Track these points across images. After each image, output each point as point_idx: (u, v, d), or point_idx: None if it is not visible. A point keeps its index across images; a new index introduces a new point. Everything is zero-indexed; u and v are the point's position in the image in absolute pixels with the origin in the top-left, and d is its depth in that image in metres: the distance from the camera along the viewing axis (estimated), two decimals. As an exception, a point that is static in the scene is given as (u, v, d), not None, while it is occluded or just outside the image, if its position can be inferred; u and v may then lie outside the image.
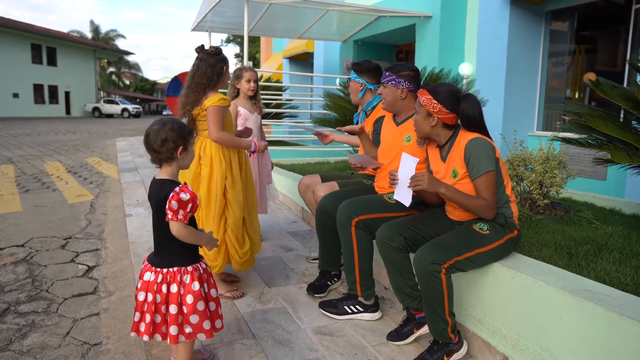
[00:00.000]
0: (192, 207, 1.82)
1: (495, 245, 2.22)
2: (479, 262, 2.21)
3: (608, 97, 2.49)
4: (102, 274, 3.29)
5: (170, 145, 1.85)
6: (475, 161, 2.17)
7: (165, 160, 1.89)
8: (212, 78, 2.67)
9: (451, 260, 2.11)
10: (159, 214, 1.87)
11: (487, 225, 2.24)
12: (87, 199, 5.64)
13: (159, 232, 1.91)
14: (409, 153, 2.67)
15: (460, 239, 2.19)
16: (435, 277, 2.09)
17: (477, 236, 2.20)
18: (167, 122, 1.88)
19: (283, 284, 3.11)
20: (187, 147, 1.91)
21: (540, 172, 3.45)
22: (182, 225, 1.82)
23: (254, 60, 27.91)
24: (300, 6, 8.14)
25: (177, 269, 1.88)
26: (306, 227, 4.44)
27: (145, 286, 1.87)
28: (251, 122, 3.74)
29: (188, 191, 1.80)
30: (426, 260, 2.09)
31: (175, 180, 1.91)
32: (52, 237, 4.07)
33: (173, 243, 1.87)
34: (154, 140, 1.86)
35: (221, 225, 2.74)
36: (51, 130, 18.46)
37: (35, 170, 7.90)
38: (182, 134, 1.88)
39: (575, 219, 3.50)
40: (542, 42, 6.84)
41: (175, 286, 1.86)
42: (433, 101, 2.24)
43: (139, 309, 1.88)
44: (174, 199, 1.77)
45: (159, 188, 1.87)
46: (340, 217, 2.58)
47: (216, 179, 2.69)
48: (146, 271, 1.90)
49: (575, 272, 2.29)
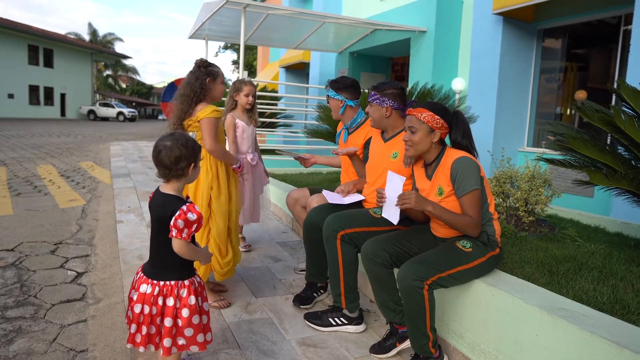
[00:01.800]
0: (197, 226, 1.82)
1: (477, 263, 2.27)
2: (461, 278, 2.27)
3: (590, 120, 2.56)
4: (91, 280, 3.32)
5: (184, 163, 1.84)
6: (462, 180, 2.22)
7: (176, 177, 1.87)
8: (196, 90, 2.72)
9: (434, 277, 2.16)
10: (160, 228, 1.85)
11: (470, 242, 2.30)
12: (78, 204, 5.66)
13: (158, 246, 1.90)
14: (395, 170, 2.73)
15: (443, 256, 2.24)
16: (418, 293, 2.14)
17: (460, 253, 2.25)
18: (179, 138, 1.84)
19: (270, 294, 3.15)
20: (197, 163, 1.91)
21: (526, 190, 3.52)
22: (185, 243, 1.83)
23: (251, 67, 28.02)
24: (297, 17, 8.23)
25: (174, 282, 1.88)
26: (296, 238, 4.48)
27: (141, 298, 1.86)
28: (247, 134, 3.78)
29: (195, 211, 1.80)
30: (409, 277, 2.14)
31: (181, 196, 1.91)
32: (42, 242, 4.08)
33: (172, 257, 1.87)
34: (167, 157, 1.82)
35: (204, 236, 2.78)
36: (45, 132, 18.43)
37: (28, 173, 7.90)
38: (194, 150, 1.87)
39: (560, 236, 3.57)
40: (533, 59, 6.96)
41: (172, 300, 1.86)
42: (436, 117, 2.30)
43: (135, 320, 1.86)
44: (181, 218, 1.76)
45: (165, 203, 1.84)
46: (326, 230, 2.63)
47: (202, 189, 2.74)
48: (142, 283, 1.89)
49: (554, 290, 2.35)
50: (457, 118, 2.36)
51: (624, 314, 2.04)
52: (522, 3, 5.97)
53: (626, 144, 2.54)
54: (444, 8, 7.66)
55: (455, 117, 2.36)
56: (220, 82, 2.84)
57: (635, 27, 4.91)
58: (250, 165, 3.81)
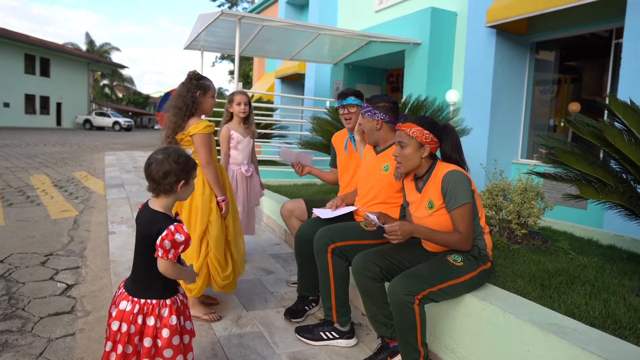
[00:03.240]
0: (184, 247, 1.77)
1: (468, 277, 2.26)
2: (451, 293, 2.25)
3: (580, 133, 2.57)
4: (81, 292, 3.28)
5: (172, 179, 1.78)
6: (453, 193, 2.22)
7: (164, 192, 1.81)
8: (187, 104, 2.72)
9: (424, 292, 2.14)
10: (145, 246, 1.79)
11: (461, 257, 2.29)
12: (71, 214, 5.62)
13: (142, 263, 1.84)
14: (386, 183, 2.73)
15: (433, 270, 2.23)
16: (409, 308, 2.12)
17: (451, 268, 2.24)
18: (172, 153, 1.78)
19: (261, 307, 3.12)
20: (189, 181, 1.84)
21: (519, 203, 3.52)
22: (171, 264, 1.77)
23: (247, 78, 28.12)
24: (292, 29, 8.27)
25: (155, 301, 1.80)
26: (289, 250, 4.46)
27: (120, 315, 1.78)
28: (243, 145, 3.77)
29: (183, 232, 1.74)
30: (400, 291, 2.13)
31: (169, 214, 1.84)
32: (33, 254, 4.05)
33: (156, 276, 1.81)
34: (156, 170, 1.77)
35: (203, 248, 2.76)
36: (40, 141, 18.37)
37: (21, 183, 7.85)
38: (186, 167, 1.80)
39: (552, 249, 3.56)
40: (527, 72, 7.01)
41: (152, 319, 1.79)
42: (425, 132, 2.29)
43: (111, 338, 1.78)
44: (168, 239, 1.70)
45: (151, 221, 1.78)
46: (317, 243, 2.62)
47: (197, 202, 2.72)
48: (122, 299, 1.81)
49: (546, 305, 2.34)
50: (446, 131, 2.36)
51: (615, 329, 2.03)
52: (515, 16, 6.03)
53: (616, 157, 2.55)
54: (438, 21, 7.71)
55: (444, 131, 2.36)
56: (210, 96, 2.82)
57: (626, 41, 4.96)
58: (244, 177, 3.80)
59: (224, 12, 6.84)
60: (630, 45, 4.90)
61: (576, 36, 6.47)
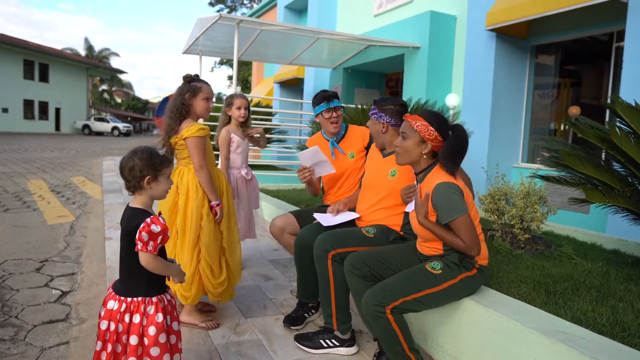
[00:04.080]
0: (163, 238, 1.80)
1: (446, 285, 2.16)
2: (430, 303, 2.18)
3: (585, 136, 2.52)
4: (76, 299, 3.22)
5: (137, 174, 1.84)
6: (445, 208, 2.11)
7: (134, 188, 1.88)
8: (178, 106, 2.66)
9: (397, 302, 2.08)
10: (127, 242, 1.85)
11: (441, 264, 2.20)
12: (67, 220, 5.56)
13: (125, 260, 1.89)
14: (392, 188, 2.67)
15: (408, 279, 2.16)
16: (381, 318, 2.07)
17: (427, 275, 2.16)
18: (138, 151, 1.87)
19: (260, 314, 3.06)
20: (158, 177, 1.88)
21: (521, 207, 3.46)
22: (152, 256, 1.80)
23: (246, 83, 28.11)
24: (291, 33, 8.24)
25: (141, 299, 1.84)
26: (288, 256, 4.39)
27: (108, 315, 1.83)
28: (242, 148, 3.73)
29: (159, 223, 1.79)
30: (369, 303, 2.09)
31: (148, 210, 1.89)
32: (28, 260, 3.98)
33: (139, 272, 1.84)
34: (123, 167, 1.86)
35: (194, 256, 2.70)
36: (38, 146, 18.31)
37: (18, 188, 7.79)
38: (151, 163, 1.85)
39: (556, 254, 3.51)
40: (527, 75, 6.98)
41: (138, 316, 1.82)
42: (430, 128, 2.19)
43: (101, 337, 1.84)
44: (145, 230, 1.75)
45: (130, 217, 1.85)
46: (317, 249, 2.56)
47: (191, 208, 2.65)
48: (110, 299, 1.86)
49: (552, 311, 2.28)
50: (454, 133, 2.21)
51: (624, 337, 1.98)
52: (516, 19, 5.99)
53: (622, 160, 2.50)
54: (437, 24, 7.68)
55: (453, 132, 2.21)
56: (202, 99, 2.73)
57: (627, 44, 4.92)
58: (244, 180, 3.75)
59: (222, 16, 6.81)
60: (632, 48, 4.86)
61: (576, 39, 6.44)
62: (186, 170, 2.70)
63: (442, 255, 2.25)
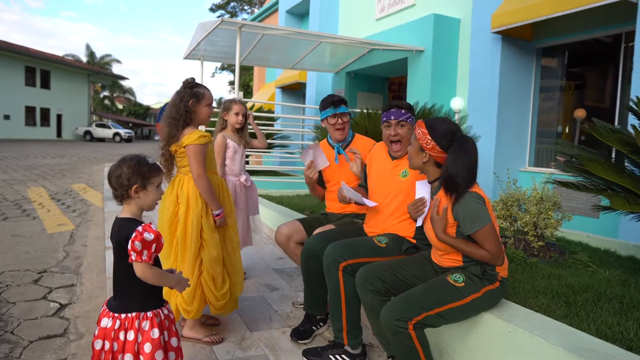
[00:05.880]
0: (157, 247, 1.71)
1: (469, 299, 2.05)
2: (451, 317, 2.06)
3: (605, 140, 2.41)
4: (75, 313, 3.10)
5: (124, 183, 1.77)
6: (468, 219, 2.01)
7: (121, 197, 1.80)
8: (181, 113, 2.55)
9: (419, 316, 1.96)
10: (119, 254, 1.75)
11: (463, 276, 2.09)
12: (67, 228, 5.45)
13: (118, 274, 1.79)
14: (405, 190, 2.56)
15: (431, 292, 2.04)
16: (403, 334, 1.95)
17: (450, 289, 2.05)
18: (127, 159, 1.80)
19: (266, 327, 2.94)
20: (146, 186, 1.80)
21: (535, 213, 3.35)
22: (147, 266, 1.71)
23: (248, 88, 28.08)
24: (293, 37, 8.16)
25: (135, 314, 1.74)
26: (293, 264, 4.27)
27: (102, 333, 1.73)
28: (239, 154, 3.64)
29: (152, 230, 1.70)
30: (391, 317, 1.96)
31: (138, 219, 1.80)
32: (26, 271, 3.87)
33: (133, 286, 1.75)
34: (110, 175, 1.80)
35: (196, 267, 2.58)
36: (40, 153, 18.25)
37: (18, 196, 7.69)
38: (139, 172, 1.78)
39: (571, 261, 3.39)
40: (533, 78, 6.87)
41: (133, 333, 1.72)
42: (427, 137, 2.12)
43: (95, 358, 1.74)
44: (137, 239, 1.66)
45: (120, 227, 1.76)
46: (327, 260, 2.44)
47: (192, 218, 2.54)
48: (104, 317, 1.77)
49: (574, 325, 2.17)
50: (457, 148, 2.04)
51: (656, 354, 1.86)
52: (522, 21, 5.89)
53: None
54: (441, 27, 7.59)
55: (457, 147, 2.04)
56: (205, 105, 2.63)
57: (637, 45, 4.82)
58: (243, 187, 3.65)
59: (224, 21, 6.72)
60: (642, 49, 4.76)
61: (583, 41, 6.34)
62: (186, 179, 2.59)
63: (462, 267, 2.14)
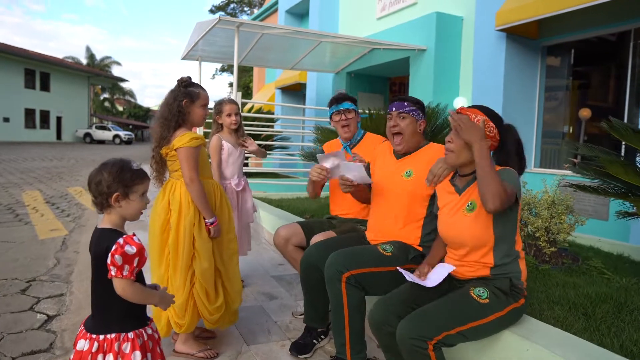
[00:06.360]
0: (140, 261, 1.55)
1: (493, 318, 1.89)
2: (472, 336, 1.89)
3: (626, 140, 2.24)
4: (62, 325, 2.94)
5: (103, 190, 1.61)
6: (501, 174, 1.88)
7: (101, 206, 1.63)
8: (174, 113, 2.39)
9: (440, 336, 1.78)
10: (97, 268, 1.59)
11: (487, 291, 1.91)
12: (60, 234, 5.29)
13: (96, 290, 1.63)
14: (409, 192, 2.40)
15: (452, 309, 1.86)
16: (421, 354, 1.76)
17: (474, 306, 1.87)
18: (107, 164, 1.64)
19: (264, 340, 2.77)
20: (129, 194, 1.63)
21: (547, 218, 3.19)
22: (129, 283, 1.54)
23: (247, 89, 27.93)
24: (293, 37, 8.01)
25: (115, 335, 1.58)
26: (293, 271, 4.11)
27: (78, 357, 1.57)
28: (234, 157, 3.49)
29: (134, 243, 1.54)
30: (410, 335, 1.77)
31: (119, 230, 1.64)
32: (14, 280, 3.71)
33: (112, 303, 1.58)
34: (90, 181, 1.64)
35: (188, 279, 2.41)
36: (38, 156, 18.10)
37: (12, 200, 7.53)
38: (120, 178, 1.61)
39: (584, 268, 3.23)
40: (539, 76, 6.71)
41: (112, 357, 1.55)
42: (490, 124, 1.96)
43: None
44: (118, 253, 1.50)
45: (99, 239, 1.59)
46: (328, 270, 2.27)
47: (184, 225, 2.37)
48: (80, 338, 1.60)
49: (595, 340, 2.01)
50: (510, 133, 2.04)
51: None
52: (527, 18, 5.73)
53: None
54: (443, 26, 7.44)
55: (508, 132, 2.03)
56: (200, 106, 2.47)
57: (648, 42, 4.66)
58: (234, 192, 3.49)
59: (221, 20, 6.57)
60: (654, 45, 4.60)
61: (590, 38, 6.17)
62: (179, 184, 2.42)
63: (487, 280, 1.97)
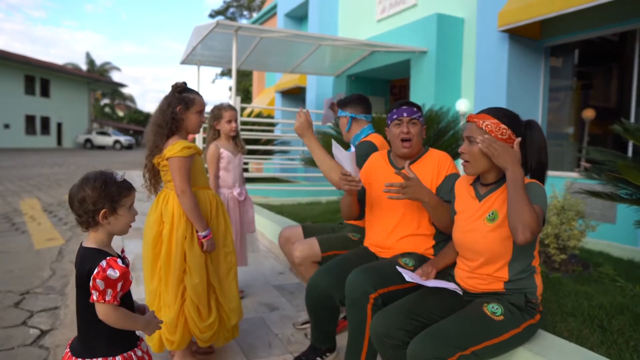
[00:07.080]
0: (124, 284, 1.46)
1: (509, 336, 1.78)
2: (486, 355, 1.77)
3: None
4: (56, 340, 2.84)
5: (89, 208, 1.48)
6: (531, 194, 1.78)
7: (87, 225, 1.51)
8: (167, 120, 2.29)
9: (453, 357, 1.67)
10: (81, 290, 1.49)
11: (501, 307, 1.81)
12: (56, 243, 5.19)
13: (81, 312, 1.52)
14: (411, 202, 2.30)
15: (466, 327, 1.75)
16: None
17: (488, 323, 1.77)
18: (90, 178, 1.50)
19: (265, 355, 2.67)
20: (117, 209, 1.52)
21: (556, 224, 3.08)
22: (111, 308, 1.44)
23: (247, 93, 27.88)
24: (292, 40, 7.92)
25: (101, 359, 1.48)
26: (294, 280, 4.00)
27: None
28: (234, 165, 3.39)
29: (117, 267, 1.44)
30: (419, 356, 1.66)
31: (104, 250, 1.53)
32: (7, 292, 3.61)
33: (96, 326, 1.48)
34: (72, 199, 1.50)
35: (179, 294, 2.30)
36: (38, 162, 18.03)
37: (9, 208, 7.44)
38: (106, 194, 1.49)
39: (596, 275, 3.13)
40: (542, 77, 6.61)
41: None
42: (501, 126, 1.86)
43: None
44: (100, 277, 1.41)
45: (82, 259, 1.49)
46: (353, 293, 2.08)
47: (176, 238, 2.26)
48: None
49: (613, 356, 1.90)
50: (530, 130, 1.95)
51: None
52: (530, 19, 5.63)
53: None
54: (444, 27, 7.35)
55: (528, 128, 1.95)
56: (195, 112, 2.37)
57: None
58: (237, 202, 3.39)
59: (219, 23, 6.49)
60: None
61: (594, 38, 6.08)
62: (172, 194, 2.32)
63: (501, 295, 1.87)
